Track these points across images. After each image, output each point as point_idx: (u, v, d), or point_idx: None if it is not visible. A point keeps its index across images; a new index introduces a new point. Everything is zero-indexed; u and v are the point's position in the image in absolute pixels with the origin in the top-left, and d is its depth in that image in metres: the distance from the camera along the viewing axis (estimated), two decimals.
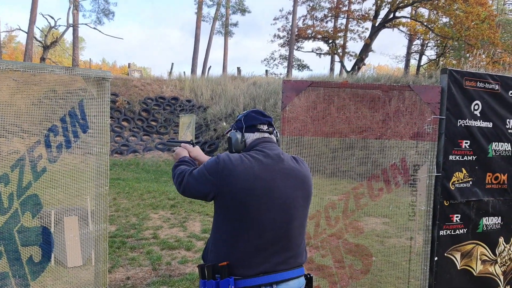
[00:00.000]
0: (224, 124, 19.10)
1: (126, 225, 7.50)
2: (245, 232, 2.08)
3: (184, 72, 29.13)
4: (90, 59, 47.16)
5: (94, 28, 29.93)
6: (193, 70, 32.41)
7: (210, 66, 33.15)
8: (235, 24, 40.52)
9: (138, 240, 6.62)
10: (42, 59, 25.42)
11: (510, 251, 3.67)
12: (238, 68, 28.57)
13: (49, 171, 3.17)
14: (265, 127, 2.33)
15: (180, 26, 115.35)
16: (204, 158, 2.60)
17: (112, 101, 20.03)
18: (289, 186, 2.17)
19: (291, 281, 2.15)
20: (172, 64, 31.06)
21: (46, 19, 31.48)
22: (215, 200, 2.15)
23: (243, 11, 38.80)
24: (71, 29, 29.01)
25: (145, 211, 8.60)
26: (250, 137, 2.31)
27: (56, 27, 26.47)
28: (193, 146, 2.68)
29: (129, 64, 34.46)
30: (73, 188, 3.36)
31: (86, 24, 33.50)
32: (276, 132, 2.41)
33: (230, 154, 2.17)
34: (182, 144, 2.68)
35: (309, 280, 2.29)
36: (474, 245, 3.51)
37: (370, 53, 31.11)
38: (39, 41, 28.05)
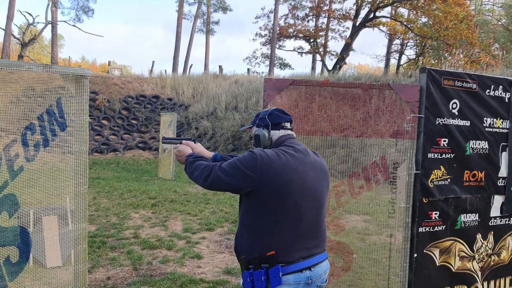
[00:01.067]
0: (206, 122, 19.04)
1: (106, 224, 7.42)
2: (285, 222, 2.21)
3: (165, 70, 28.97)
4: (69, 56, 46.56)
5: (73, 26, 29.58)
6: (174, 68, 32.21)
7: (192, 64, 33.01)
8: (217, 22, 40.44)
9: (118, 240, 6.56)
10: (20, 56, 24.99)
11: (487, 247, 3.74)
12: (220, 67, 28.50)
13: (27, 170, 3.12)
14: (288, 125, 2.47)
15: (163, 24, 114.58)
16: (208, 154, 2.69)
17: (92, 100, 19.79)
18: (317, 178, 2.34)
19: (323, 262, 2.35)
20: (153, 62, 30.98)
21: (24, 16, 30.79)
22: (250, 194, 2.23)
23: (225, 9, 38.71)
24: (49, 26, 28.54)
25: (125, 211, 8.52)
26: (276, 134, 2.43)
27: (34, 24, 26.06)
28: (194, 143, 2.72)
29: (109, 62, 34.06)
30: (52, 187, 3.31)
31: (65, 21, 33.08)
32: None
33: (265, 150, 2.28)
34: (184, 141, 2.72)
35: None
36: (452, 241, 3.56)
37: (351, 52, 31.39)
38: (17, 39, 27.56)
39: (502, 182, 3.76)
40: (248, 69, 31.86)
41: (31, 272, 3.45)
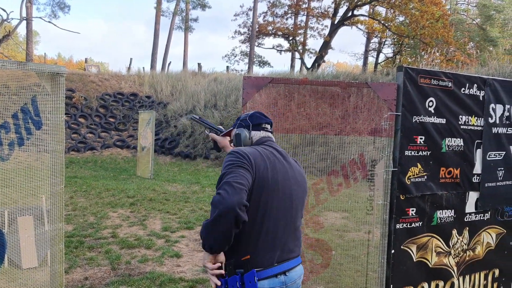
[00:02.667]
0: (185, 120, 18.93)
1: (83, 224, 7.32)
2: (260, 226, 2.16)
3: (143, 67, 28.67)
4: (45, 53, 45.62)
5: (49, 22, 28.93)
6: (153, 66, 31.92)
7: (170, 62, 32.81)
8: (195, 20, 40.17)
9: (96, 240, 6.48)
10: None
11: (462, 243, 3.81)
12: (199, 64, 28.34)
13: (1, 169, 3.06)
14: (268, 127, 2.50)
15: (145, 21, 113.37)
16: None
17: (68, 97, 19.49)
18: (294, 181, 2.32)
19: (297, 267, 2.32)
20: (131, 59, 30.46)
21: None
22: None
23: (203, 6, 38.47)
24: (24, 22, 27.93)
25: (103, 210, 8.43)
26: (257, 134, 2.45)
27: (8, 20, 25.42)
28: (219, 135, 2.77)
29: (86, 59, 33.51)
30: (28, 187, 3.26)
31: (40, 17, 32.36)
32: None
33: (243, 147, 2.27)
34: (211, 134, 2.79)
35: None
36: (429, 237, 3.62)
37: (329, 51, 31.58)
38: None
39: (476, 178, 3.84)
40: (227, 67, 31.81)
41: (6, 273, 3.39)
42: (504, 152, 3.99)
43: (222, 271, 2.12)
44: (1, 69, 2.93)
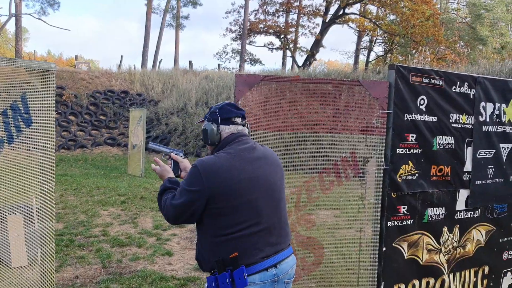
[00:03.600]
0: (176, 118, 18.87)
1: (74, 222, 7.28)
2: (243, 223, 2.17)
3: (134, 65, 28.49)
4: (34, 50, 45.28)
5: (38, 19, 28.65)
6: (144, 63, 31.75)
7: (161, 59, 32.73)
8: (186, 17, 40.00)
9: (87, 238, 6.44)
10: None
11: (453, 240, 3.84)
12: (190, 62, 28.22)
13: None
14: (239, 120, 2.39)
15: (136, 18, 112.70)
16: None
17: (58, 95, 19.32)
18: (269, 171, 2.30)
19: (288, 258, 2.33)
20: (122, 56, 30.47)
21: None
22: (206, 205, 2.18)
23: (194, 3, 38.35)
24: (13, 19, 27.66)
25: (94, 208, 8.38)
26: (226, 129, 2.35)
27: None
28: (183, 157, 2.69)
29: (76, 56, 33.28)
30: (17, 185, 3.23)
31: (29, 14, 32.01)
32: (247, 125, 2.47)
33: (205, 159, 2.23)
34: (172, 155, 2.68)
35: None
36: (420, 235, 3.64)
37: (321, 49, 31.65)
38: None
39: (467, 176, 3.86)
40: (219, 65, 31.74)
41: None
42: (494, 150, 4.01)
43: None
44: None
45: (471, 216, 3.95)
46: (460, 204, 3.86)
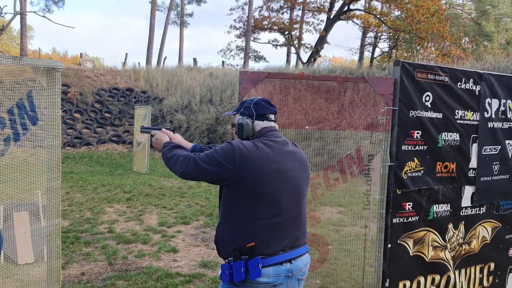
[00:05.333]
0: (180, 115, 18.89)
1: (80, 219, 7.31)
2: (265, 214, 2.20)
3: (138, 62, 28.51)
4: (39, 48, 45.41)
5: (43, 16, 28.65)
6: (148, 61, 31.79)
7: (166, 57, 32.70)
8: (191, 14, 40.02)
9: (92, 235, 6.47)
10: None
11: (458, 237, 3.83)
12: (195, 59, 28.25)
13: None
14: (272, 116, 2.45)
15: (141, 16, 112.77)
16: (188, 144, 2.67)
17: (63, 92, 19.38)
18: (296, 168, 2.34)
19: (304, 256, 2.36)
20: (126, 54, 30.38)
21: None
22: (230, 186, 2.22)
23: (199, 1, 38.36)
24: (18, 17, 27.74)
25: (99, 205, 8.41)
26: (260, 125, 2.41)
27: (2, 15, 25.27)
28: (174, 133, 2.70)
29: (81, 54, 33.36)
30: (23, 183, 3.24)
31: (34, 12, 32.07)
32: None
33: (244, 142, 2.26)
34: (163, 129, 2.71)
35: None
36: (425, 232, 3.64)
37: (325, 45, 31.56)
38: None
39: (472, 173, 3.85)
40: (223, 62, 31.71)
41: (2, 269, 3.39)
42: (500, 147, 4.00)
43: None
44: None
45: (477, 212, 3.94)
46: (466, 201, 3.85)
